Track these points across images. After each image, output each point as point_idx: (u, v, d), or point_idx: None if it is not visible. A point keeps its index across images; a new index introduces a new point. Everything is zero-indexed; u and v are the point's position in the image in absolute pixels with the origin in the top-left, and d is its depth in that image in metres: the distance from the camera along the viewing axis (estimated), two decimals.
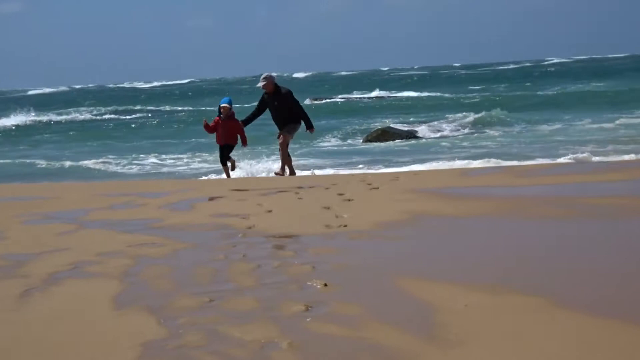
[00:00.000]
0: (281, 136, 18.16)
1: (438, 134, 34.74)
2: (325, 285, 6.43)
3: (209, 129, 18.58)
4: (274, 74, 18.58)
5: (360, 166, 22.61)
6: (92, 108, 70.20)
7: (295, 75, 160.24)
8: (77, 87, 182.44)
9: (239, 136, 18.45)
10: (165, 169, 27.13)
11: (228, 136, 18.44)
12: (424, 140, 32.64)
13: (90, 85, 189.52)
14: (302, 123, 18.29)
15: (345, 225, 9.33)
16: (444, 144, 30.09)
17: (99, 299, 6.46)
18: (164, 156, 30.67)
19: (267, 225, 9.71)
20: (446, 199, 11.37)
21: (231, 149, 18.66)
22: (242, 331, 5.30)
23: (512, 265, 6.98)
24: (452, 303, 5.73)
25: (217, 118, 18.51)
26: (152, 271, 7.40)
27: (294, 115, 18.20)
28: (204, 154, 29.61)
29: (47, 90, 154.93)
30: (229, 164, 18.78)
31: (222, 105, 18.54)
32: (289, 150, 18.44)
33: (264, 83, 18.22)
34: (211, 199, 12.91)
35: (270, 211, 10.90)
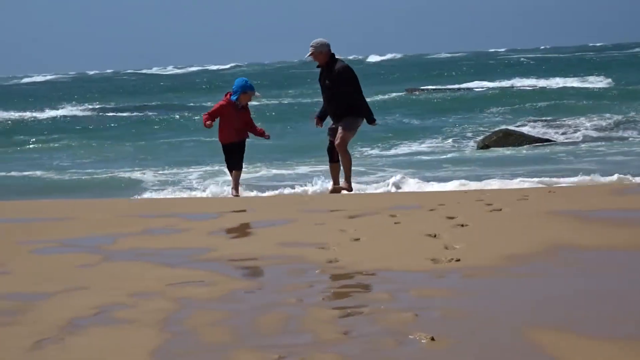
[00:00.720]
0: (338, 134, 17.50)
1: (579, 138, 34.41)
2: (432, 339, 6.41)
3: (212, 117, 18.11)
4: (325, 40, 17.77)
5: (474, 183, 22.41)
6: (95, 103, 70.77)
7: (370, 59, 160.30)
8: (91, 73, 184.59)
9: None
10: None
11: (240, 132, 18.21)
12: (558, 146, 32.37)
13: (108, 71, 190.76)
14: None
15: (457, 259, 9.29)
16: (584, 150, 29.84)
17: (132, 354, 6.50)
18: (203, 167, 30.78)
19: (354, 258, 9.71)
20: (593, 225, 11.28)
21: (243, 149, 18.29)
22: None
23: None
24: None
25: (223, 103, 18.14)
26: (201, 318, 7.43)
27: (352, 105, 17.55)
28: (266, 162, 29.69)
29: (48, 77, 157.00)
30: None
31: (247, 92, 18.11)
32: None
33: (311, 52, 17.67)
34: (278, 222, 12.95)
35: (357, 239, 10.90)
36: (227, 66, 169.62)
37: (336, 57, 17.68)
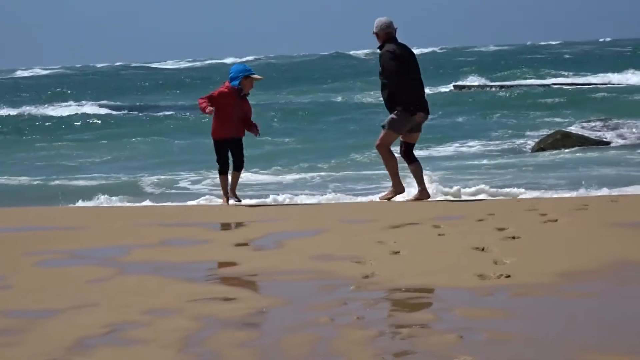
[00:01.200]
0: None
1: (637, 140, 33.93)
2: None
3: (211, 103, 16.91)
4: (380, 20, 16.98)
5: (524, 190, 22.17)
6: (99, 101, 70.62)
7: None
8: (99, 66, 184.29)
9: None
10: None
11: (240, 125, 17.25)
12: (614, 150, 32.00)
13: (118, 63, 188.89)
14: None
15: (507, 276, 9.30)
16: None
17: None
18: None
19: (393, 273, 9.73)
20: None
21: (242, 145, 17.42)
22: None
23: None
24: None
25: (224, 90, 17.13)
26: (223, 339, 7.47)
27: (389, 98, 16.83)
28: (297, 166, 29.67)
29: (53, 70, 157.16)
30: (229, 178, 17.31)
31: (252, 76, 17.22)
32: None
33: (375, 31, 17.01)
34: (309, 232, 12.97)
35: (397, 252, 10.91)
36: (249, 58, 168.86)
37: (391, 40, 16.84)
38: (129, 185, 25.54)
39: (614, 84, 63.35)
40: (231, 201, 17.10)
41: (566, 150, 30.87)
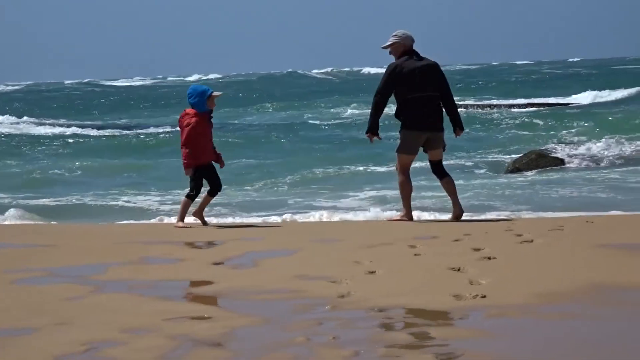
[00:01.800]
0: None
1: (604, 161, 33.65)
2: None
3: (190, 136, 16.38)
4: (398, 32, 16.49)
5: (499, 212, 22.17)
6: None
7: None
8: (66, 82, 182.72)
9: None
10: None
11: (211, 149, 16.91)
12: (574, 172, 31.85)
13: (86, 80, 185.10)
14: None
15: (483, 296, 9.32)
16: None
17: None
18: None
19: (368, 293, 9.75)
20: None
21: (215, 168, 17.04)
22: None
23: None
24: None
25: (197, 120, 16.48)
26: (200, 358, 7.47)
27: (396, 115, 16.55)
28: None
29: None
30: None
31: (213, 94, 16.73)
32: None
33: (389, 44, 16.52)
34: (285, 252, 12.96)
35: (372, 272, 10.92)
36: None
37: (405, 54, 16.38)
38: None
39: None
40: (189, 220, 16.89)
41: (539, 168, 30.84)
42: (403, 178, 16.45)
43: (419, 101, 16.15)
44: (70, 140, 47.02)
